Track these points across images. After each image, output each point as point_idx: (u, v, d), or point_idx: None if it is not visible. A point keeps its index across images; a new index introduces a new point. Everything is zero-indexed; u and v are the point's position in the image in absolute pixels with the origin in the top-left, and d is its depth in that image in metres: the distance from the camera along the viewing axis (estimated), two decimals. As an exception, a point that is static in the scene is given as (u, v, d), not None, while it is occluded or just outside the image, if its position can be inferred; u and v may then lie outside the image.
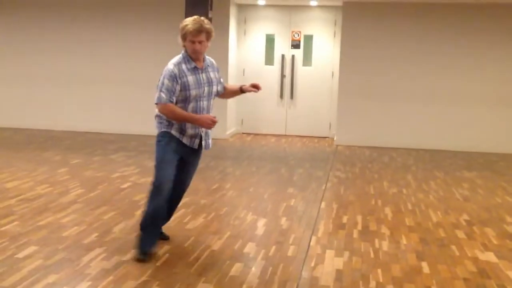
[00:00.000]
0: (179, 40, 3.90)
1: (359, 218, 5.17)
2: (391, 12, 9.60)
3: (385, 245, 4.39)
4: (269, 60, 10.79)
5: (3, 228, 4.45)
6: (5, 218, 4.74)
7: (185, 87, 3.84)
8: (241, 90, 4.19)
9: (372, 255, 4.17)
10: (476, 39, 9.46)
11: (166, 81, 3.81)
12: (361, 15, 9.65)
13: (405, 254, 4.22)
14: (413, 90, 9.66)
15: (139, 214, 4.96)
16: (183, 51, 3.94)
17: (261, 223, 4.95)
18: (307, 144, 9.89)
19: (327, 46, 10.58)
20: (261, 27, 10.76)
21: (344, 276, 3.72)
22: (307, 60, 10.70)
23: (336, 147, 9.61)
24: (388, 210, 5.50)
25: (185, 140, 3.97)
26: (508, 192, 6.53)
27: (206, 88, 3.95)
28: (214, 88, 4.04)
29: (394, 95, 9.71)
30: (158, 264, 3.81)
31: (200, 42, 3.83)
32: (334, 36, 10.46)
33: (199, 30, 3.81)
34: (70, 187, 5.95)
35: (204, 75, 3.94)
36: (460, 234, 4.78)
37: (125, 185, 6.15)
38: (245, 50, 10.80)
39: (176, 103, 3.85)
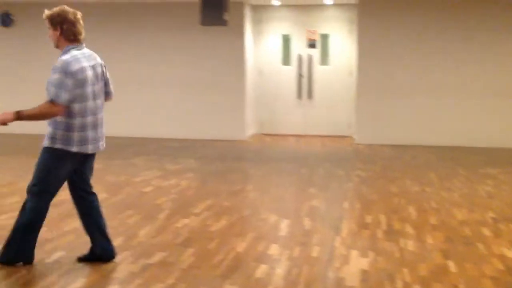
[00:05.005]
0: None
1: (382, 218, 5.13)
2: (407, 7, 9.54)
3: (410, 245, 4.36)
4: (286, 60, 10.80)
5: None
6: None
7: None
8: None
9: (397, 254, 4.14)
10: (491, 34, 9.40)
11: None
12: (377, 12, 9.60)
13: (431, 253, 4.18)
14: (431, 86, 9.58)
15: (162, 217, 5.00)
16: None
17: (284, 224, 4.95)
18: (327, 144, 9.86)
19: (344, 44, 10.55)
20: (276, 28, 10.77)
21: (370, 276, 3.70)
22: (324, 59, 10.68)
23: (356, 146, 9.57)
24: (412, 209, 5.46)
25: None
26: (533, 188, 6.45)
27: None
28: None
29: (413, 92, 9.64)
30: (183, 267, 3.83)
31: None
32: (351, 34, 10.42)
33: None
34: (94, 192, 6.00)
35: None
36: (486, 231, 4.72)
37: (147, 189, 6.19)
38: (262, 50, 10.81)
39: None
